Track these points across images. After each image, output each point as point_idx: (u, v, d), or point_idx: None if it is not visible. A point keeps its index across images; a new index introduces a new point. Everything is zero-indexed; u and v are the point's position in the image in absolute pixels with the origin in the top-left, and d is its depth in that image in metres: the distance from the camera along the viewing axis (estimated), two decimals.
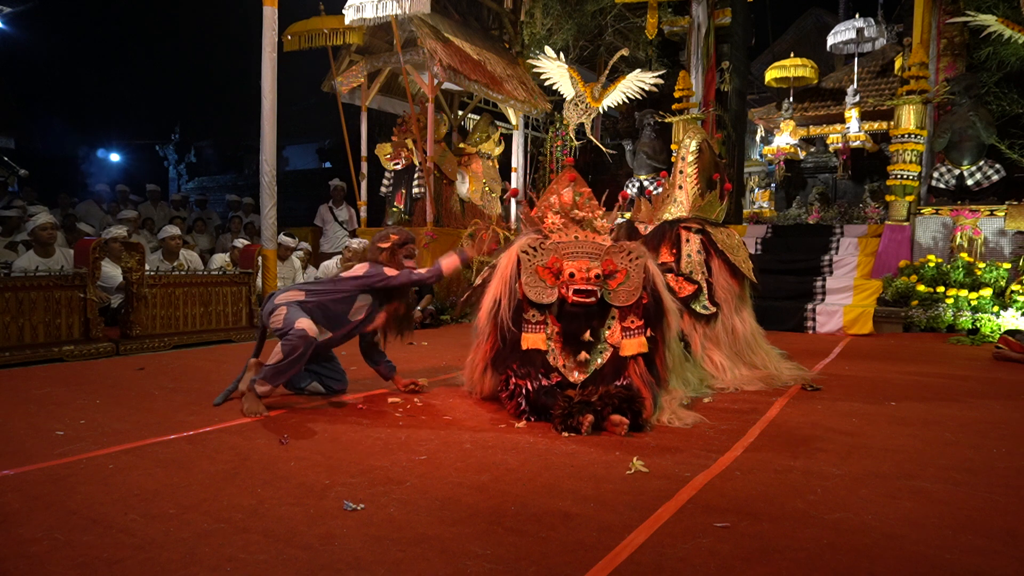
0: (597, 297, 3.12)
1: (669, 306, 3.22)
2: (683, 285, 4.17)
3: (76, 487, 2.15)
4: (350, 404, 3.40)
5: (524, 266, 3.21)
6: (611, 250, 3.24)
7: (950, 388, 3.98)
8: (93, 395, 3.56)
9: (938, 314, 6.56)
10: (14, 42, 13.31)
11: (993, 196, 7.55)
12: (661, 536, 1.80)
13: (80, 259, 4.99)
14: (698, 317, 4.12)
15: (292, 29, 8.06)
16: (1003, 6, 7.60)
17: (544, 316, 3.19)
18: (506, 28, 9.89)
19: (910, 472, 2.36)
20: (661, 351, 3.19)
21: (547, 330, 3.18)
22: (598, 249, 3.24)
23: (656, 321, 3.18)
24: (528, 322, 3.17)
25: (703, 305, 4.16)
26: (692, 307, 4.13)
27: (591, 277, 3.11)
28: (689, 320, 4.09)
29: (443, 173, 8.60)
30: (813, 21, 15.51)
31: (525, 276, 3.19)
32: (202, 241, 9.73)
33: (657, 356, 3.17)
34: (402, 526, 1.86)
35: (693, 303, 4.14)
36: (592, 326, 3.13)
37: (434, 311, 7.25)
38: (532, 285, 3.17)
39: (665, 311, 3.20)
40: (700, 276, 4.21)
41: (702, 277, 4.21)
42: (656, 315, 3.19)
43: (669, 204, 4.64)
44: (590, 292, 3.09)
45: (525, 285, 3.17)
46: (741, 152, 10.02)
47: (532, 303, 3.17)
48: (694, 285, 4.17)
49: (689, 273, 4.22)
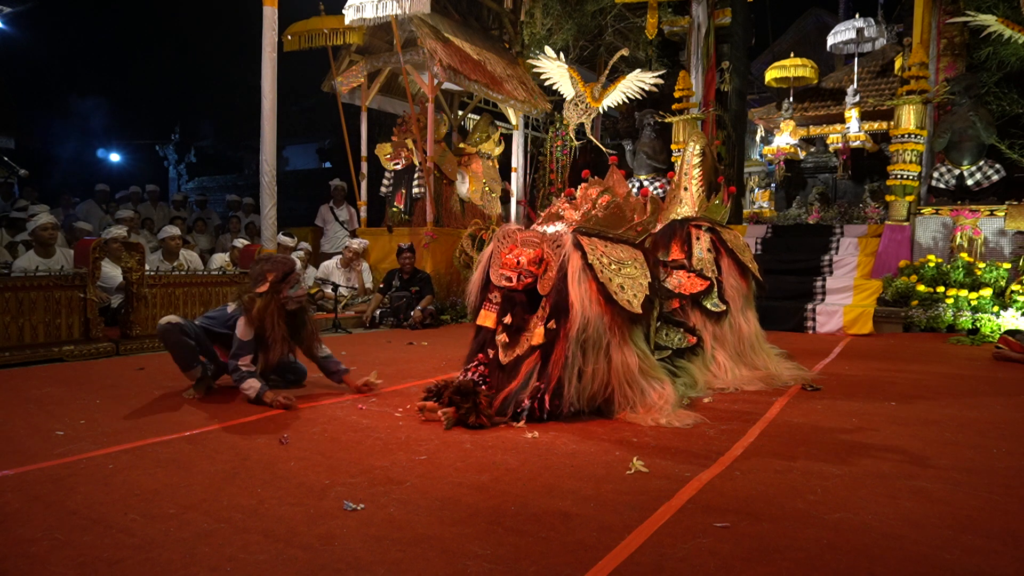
0: (515, 283, 3.17)
1: (574, 302, 3.03)
2: (695, 281, 4.17)
3: (76, 487, 2.15)
4: (350, 404, 3.40)
5: (494, 252, 3.34)
6: (545, 239, 3.26)
7: (950, 388, 3.98)
8: (93, 395, 3.56)
9: (938, 314, 6.56)
10: (14, 42, 13.31)
11: (993, 196, 7.55)
12: (661, 536, 1.80)
13: (80, 259, 4.99)
14: (708, 315, 4.11)
15: (292, 29, 8.07)
16: (1003, 6, 7.60)
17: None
18: (506, 28, 9.89)
19: (910, 472, 2.36)
20: (559, 346, 3.03)
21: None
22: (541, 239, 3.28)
23: (558, 314, 3.05)
24: (489, 301, 3.29)
25: (714, 303, 4.15)
26: (704, 304, 4.11)
27: (513, 263, 3.18)
28: (700, 317, 4.08)
29: (443, 173, 8.60)
30: (813, 21, 15.52)
31: (493, 260, 3.33)
32: (202, 241, 9.73)
33: (554, 350, 3.04)
34: (402, 526, 1.86)
35: (704, 299, 4.12)
36: (515, 312, 3.18)
37: (434, 311, 7.25)
38: (495, 268, 3.30)
39: (570, 305, 3.03)
40: (711, 273, 4.22)
41: (712, 275, 4.22)
42: (558, 307, 3.06)
43: (675, 205, 4.66)
44: (508, 277, 3.18)
45: (491, 267, 3.31)
46: (741, 152, 10.02)
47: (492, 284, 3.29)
48: (706, 281, 4.16)
49: (700, 270, 4.22)
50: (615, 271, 3.18)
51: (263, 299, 3.35)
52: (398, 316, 7.10)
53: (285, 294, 3.41)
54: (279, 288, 3.39)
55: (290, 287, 3.42)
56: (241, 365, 3.35)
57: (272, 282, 3.37)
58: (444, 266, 8.24)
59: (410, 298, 7.15)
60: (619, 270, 3.20)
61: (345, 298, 7.54)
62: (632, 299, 3.13)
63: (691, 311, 4.10)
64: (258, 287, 3.37)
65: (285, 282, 3.40)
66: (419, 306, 7.03)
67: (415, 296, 7.18)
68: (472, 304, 3.39)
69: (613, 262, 3.21)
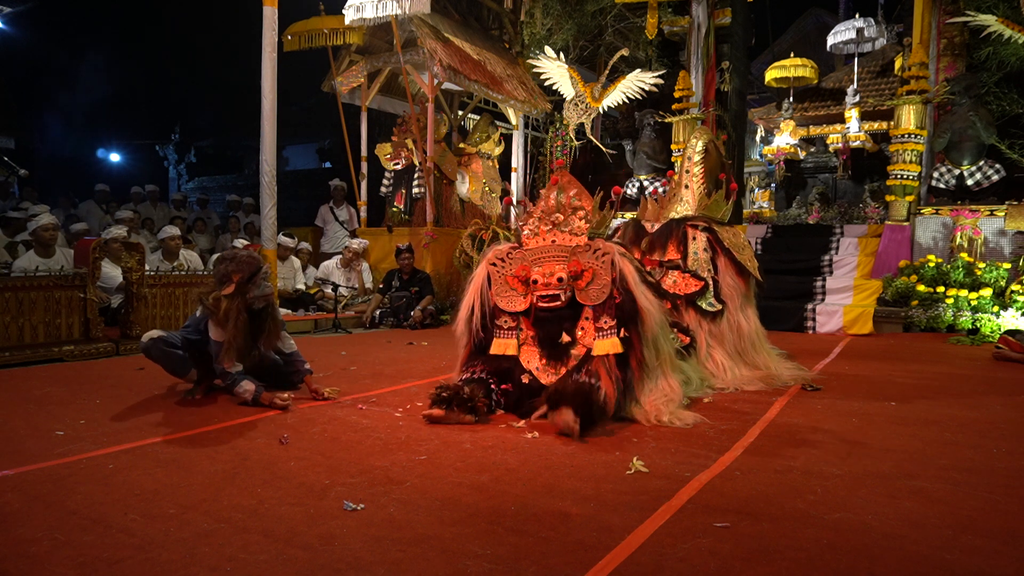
0: (563, 300, 3.14)
1: (643, 304, 3.08)
2: (689, 282, 4.18)
3: (76, 487, 2.15)
4: (350, 404, 3.40)
5: (494, 277, 3.30)
6: (578, 250, 3.24)
7: (950, 388, 3.98)
8: (93, 395, 3.56)
9: (938, 314, 6.56)
10: (14, 42, 13.32)
11: (993, 196, 7.54)
12: (661, 536, 1.80)
13: (80, 259, 4.99)
14: (704, 314, 4.13)
15: (292, 29, 8.07)
16: (1003, 6, 7.60)
17: (516, 322, 3.28)
18: (506, 28, 9.89)
19: (910, 472, 2.36)
20: (638, 351, 3.09)
21: (519, 335, 3.26)
22: (567, 251, 3.25)
23: (630, 320, 3.09)
24: (500, 328, 3.26)
25: (709, 302, 4.16)
26: (698, 304, 4.13)
27: (554, 281, 3.14)
28: (695, 317, 4.10)
29: (443, 173, 8.60)
30: (813, 21, 15.52)
31: (496, 287, 3.28)
32: (202, 241, 9.73)
33: (633, 356, 3.08)
34: (402, 526, 1.86)
35: (699, 300, 4.14)
36: (566, 328, 3.17)
37: (434, 311, 7.25)
38: (502, 295, 3.26)
39: (639, 309, 3.07)
40: (706, 273, 4.22)
41: (708, 274, 4.22)
42: (629, 313, 3.09)
43: (675, 203, 4.65)
44: (554, 296, 3.13)
45: (496, 296, 3.27)
46: (741, 152, 10.02)
47: (503, 311, 3.26)
48: (700, 282, 4.18)
49: (695, 270, 4.23)
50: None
51: (227, 301, 3.22)
52: (398, 316, 7.10)
53: (252, 295, 3.29)
54: (246, 289, 3.27)
55: (256, 288, 3.29)
56: (228, 368, 3.29)
57: (238, 283, 3.25)
58: (444, 266, 8.24)
59: (410, 298, 7.15)
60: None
61: (345, 298, 7.54)
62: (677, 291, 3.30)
63: (685, 311, 4.13)
64: (224, 289, 3.24)
65: (251, 282, 3.28)
66: (419, 306, 7.04)
67: (415, 296, 7.18)
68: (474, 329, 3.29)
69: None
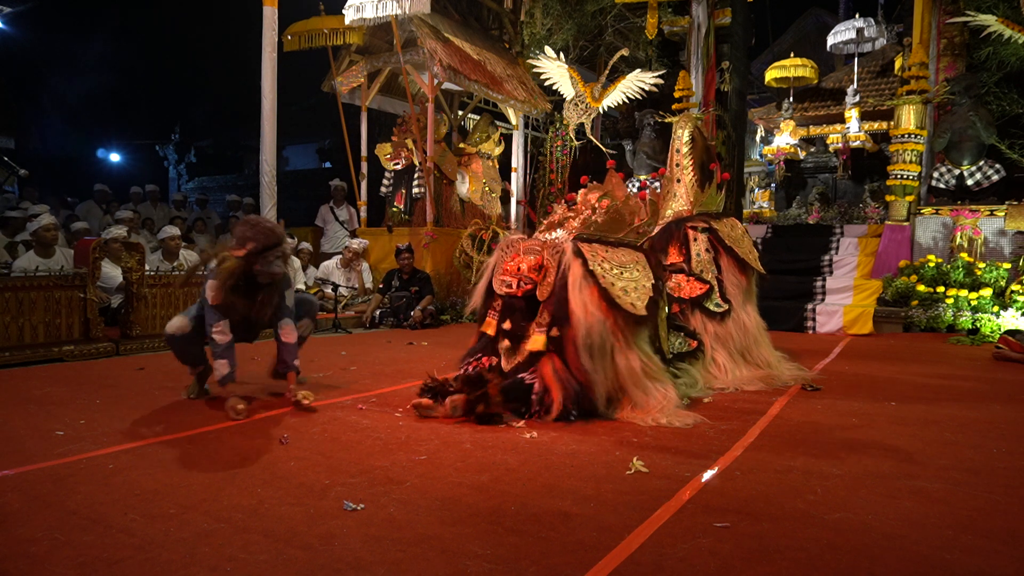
0: (515, 289, 3.20)
1: (573, 308, 3.04)
2: (694, 285, 4.18)
3: (76, 487, 2.15)
4: (350, 404, 3.40)
5: (497, 262, 3.40)
6: (546, 245, 3.29)
7: (950, 388, 3.98)
8: (93, 395, 3.56)
9: (938, 314, 6.56)
10: (14, 42, 13.32)
11: (993, 196, 7.55)
12: (661, 536, 1.80)
13: (80, 259, 4.98)
14: (711, 315, 4.13)
15: (292, 29, 8.07)
16: (1003, 6, 7.60)
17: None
18: (506, 28, 9.89)
19: (910, 472, 2.36)
20: (569, 352, 3.05)
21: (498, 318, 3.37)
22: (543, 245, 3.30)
23: (562, 321, 3.08)
24: (493, 309, 3.35)
25: (716, 303, 4.16)
26: (705, 306, 4.14)
27: (513, 269, 3.21)
28: (700, 319, 4.10)
29: (443, 173, 8.60)
30: (813, 21, 15.53)
31: (496, 269, 3.38)
32: (202, 241, 9.71)
33: (566, 356, 3.06)
34: (402, 526, 1.86)
35: (705, 302, 4.15)
36: (514, 318, 3.22)
37: (434, 311, 7.25)
38: (497, 277, 3.34)
39: (569, 313, 3.05)
40: (711, 275, 4.23)
41: (712, 276, 4.22)
42: (557, 316, 3.09)
43: (670, 200, 4.63)
44: (508, 283, 3.21)
45: (494, 277, 3.36)
46: (741, 152, 10.01)
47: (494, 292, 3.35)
48: (705, 285, 4.19)
49: (700, 272, 4.23)
50: (617, 276, 3.18)
51: (233, 262, 3.06)
52: (398, 316, 7.10)
53: (259, 268, 3.10)
54: (254, 260, 3.08)
55: (266, 264, 3.10)
56: (215, 334, 3.14)
57: (248, 252, 3.06)
58: (444, 266, 8.24)
59: (410, 298, 7.15)
60: (621, 274, 3.21)
61: (345, 298, 7.54)
62: (636, 302, 3.14)
63: (691, 314, 4.12)
64: (235, 250, 3.07)
65: (262, 256, 3.08)
66: (419, 306, 7.03)
67: (415, 296, 7.18)
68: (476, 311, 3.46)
69: (615, 267, 3.22)
